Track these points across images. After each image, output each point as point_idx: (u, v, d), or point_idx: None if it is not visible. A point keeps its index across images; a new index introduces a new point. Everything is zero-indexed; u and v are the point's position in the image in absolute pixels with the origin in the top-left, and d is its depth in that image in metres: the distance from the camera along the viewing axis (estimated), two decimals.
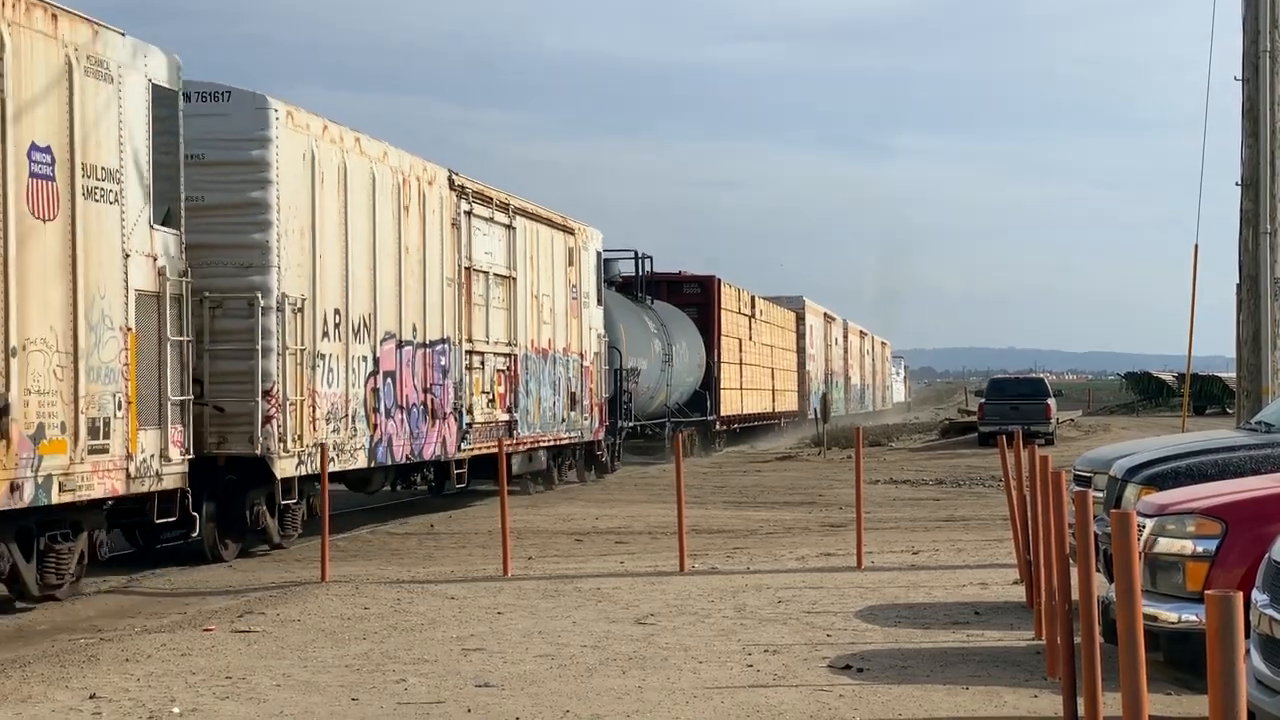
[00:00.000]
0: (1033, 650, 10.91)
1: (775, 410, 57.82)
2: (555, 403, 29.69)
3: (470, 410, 24.61)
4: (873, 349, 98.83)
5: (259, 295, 18.09)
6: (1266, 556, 7.50)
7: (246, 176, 18.21)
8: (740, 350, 50.21)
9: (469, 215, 24.71)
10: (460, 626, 12.49)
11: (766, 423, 56.78)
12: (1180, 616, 9.04)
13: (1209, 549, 8.96)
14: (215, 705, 9.46)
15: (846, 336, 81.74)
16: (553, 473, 30.84)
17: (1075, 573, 8.31)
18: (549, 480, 30.69)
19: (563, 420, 30.28)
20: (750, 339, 52.05)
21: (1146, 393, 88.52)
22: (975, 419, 49.14)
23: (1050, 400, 47.36)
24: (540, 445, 28.99)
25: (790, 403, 61.26)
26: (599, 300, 33.36)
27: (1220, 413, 63.56)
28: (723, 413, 47.59)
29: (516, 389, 27.06)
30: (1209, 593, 4.24)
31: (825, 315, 72.52)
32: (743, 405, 51.10)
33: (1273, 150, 19.97)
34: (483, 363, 25.37)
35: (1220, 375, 72.23)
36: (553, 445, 30.06)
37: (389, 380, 21.52)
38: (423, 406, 22.73)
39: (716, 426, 47.40)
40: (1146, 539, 9.27)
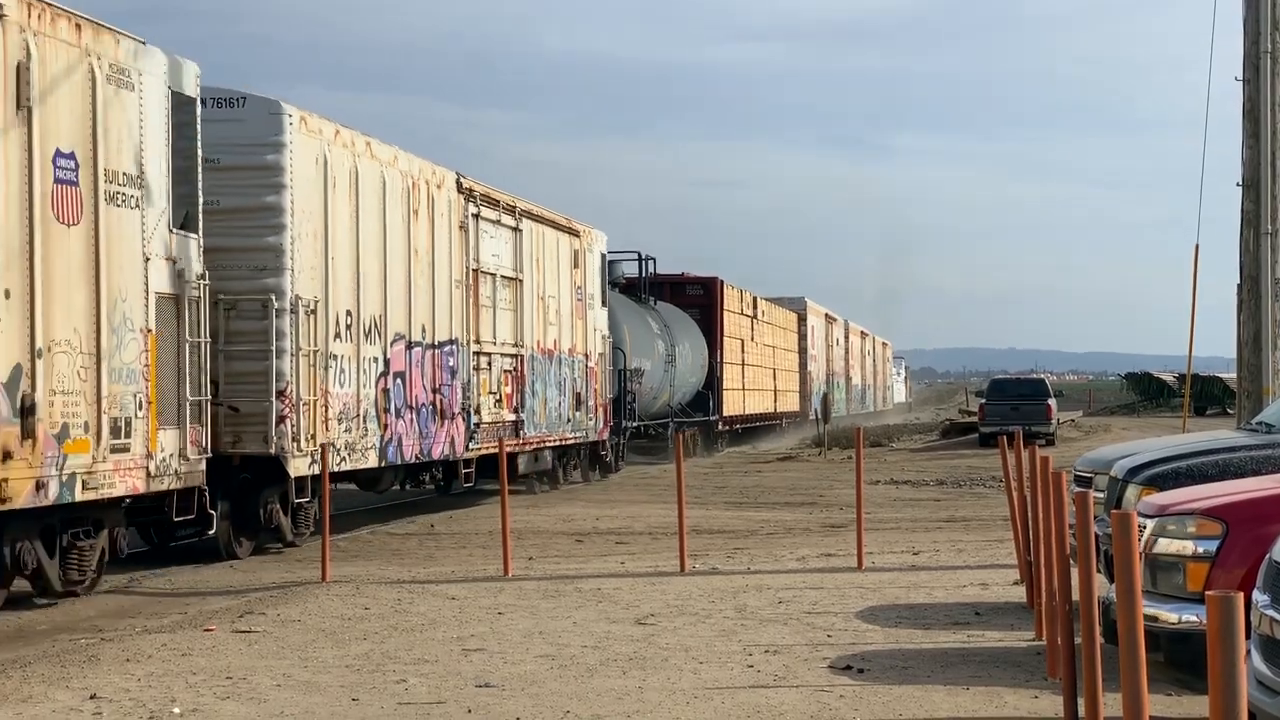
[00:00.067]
0: (1033, 651, 10.90)
1: (777, 411, 57.93)
2: (561, 403, 29.92)
3: (478, 410, 24.87)
4: (874, 349, 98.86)
5: (273, 297, 18.38)
6: (1267, 557, 7.50)
7: (261, 181, 18.47)
8: (742, 351, 50.32)
9: (476, 218, 24.97)
10: (461, 627, 12.48)
11: (768, 423, 56.93)
12: (1180, 617, 9.04)
13: (1210, 549, 8.96)
14: (216, 705, 9.46)
15: (848, 337, 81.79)
16: (558, 472, 31.03)
17: (1076, 573, 8.31)
18: (554, 480, 30.87)
19: (568, 420, 30.49)
20: (752, 340, 52.15)
21: (1147, 393, 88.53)
22: (976, 419, 49.16)
23: (1051, 401, 47.36)
24: (546, 445, 29.20)
25: (792, 403, 61.35)
26: (604, 301, 33.58)
27: (1221, 413, 63.56)
28: (725, 413, 47.72)
29: (523, 389, 27.30)
30: (1210, 593, 4.23)
31: (827, 316, 72.57)
32: (745, 406, 51.20)
33: (1273, 151, 19.97)
34: (490, 363, 25.62)
35: (1221, 376, 72.21)
36: (558, 445, 30.28)
37: (399, 381, 21.77)
38: (431, 407, 22.97)
39: (719, 427, 47.56)
40: (1147, 539, 9.26)
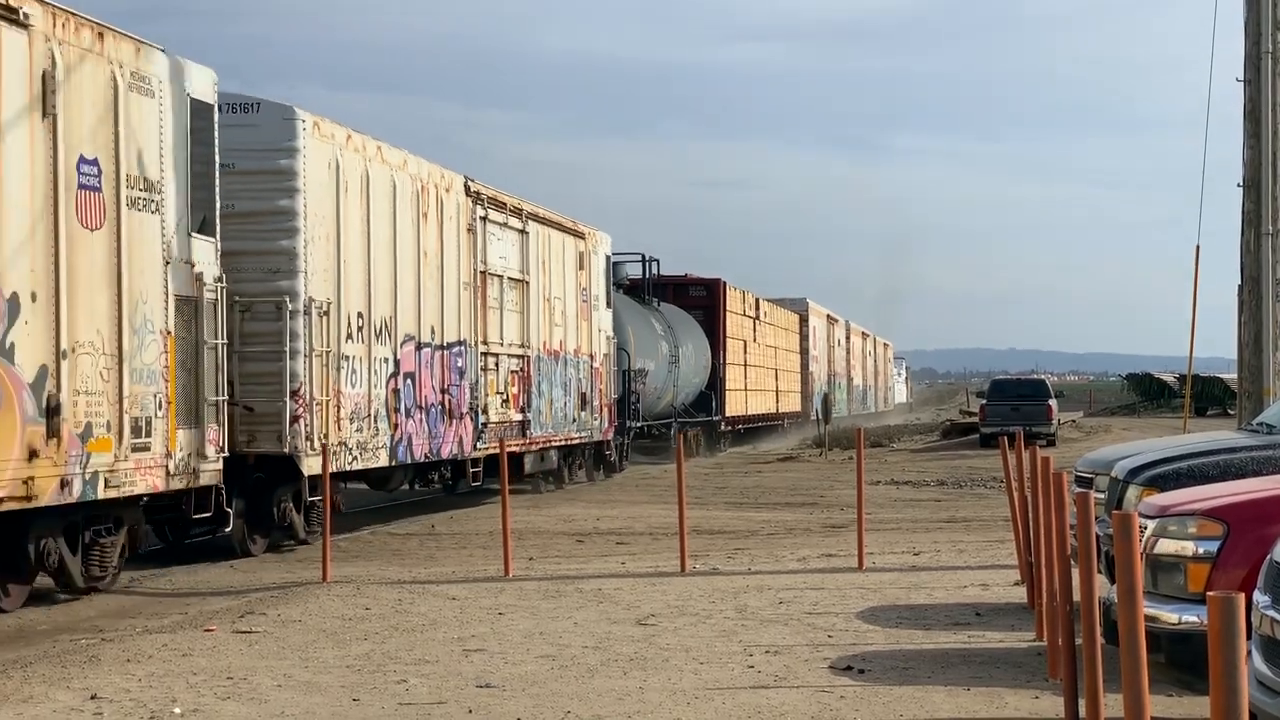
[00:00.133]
0: (1034, 651, 10.89)
1: (779, 411, 58.10)
2: (566, 403, 30.19)
3: (485, 410, 25.14)
4: (875, 350, 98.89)
5: (287, 299, 18.67)
6: (1268, 558, 7.49)
7: (275, 185, 18.76)
8: (745, 352, 50.45)
9: (484, 221, 25.24)
10: (461, 627, 12.48)
11: (771, 423, 57.11)
12: (1181, 618, 9.03)
13: (1210, 550, 8.95)
14: (216, 705, 9.46)
15: (849, 338, 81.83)
16: (563, 472, 31.26)
17: (1076, 574, 8.31)
18: (559, 479, 31.10)
19: (573, 420, 30.74)
20: (754, 341, 52.32)
21: (1148, 394, 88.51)
22: (976, 420, 49.15)
23: (1051, 401, 47.34)
24: (552, 445, 29.48)
25: (794, 403, 61.51)
26: (608, 303, 33.85)
27: (1221, 414, 63.52)
28: (728, 413, 47.92)
29: (529, 390, 27.56)
30: (1211, 594, 4.23)
31: (828, 317, 72.64)
32: (747, 406, 51.35)
33: (1274, 151, 19.97)
34: (497, 364, 25.89)
35: (1222, 376, 72.15)
36: (564, 445, 30.55)
37: (409, 381, 22.05)
38: (440, 406, 23.24)
39: (722, 427, 47.76)
40: (1148, 540, 9.26)
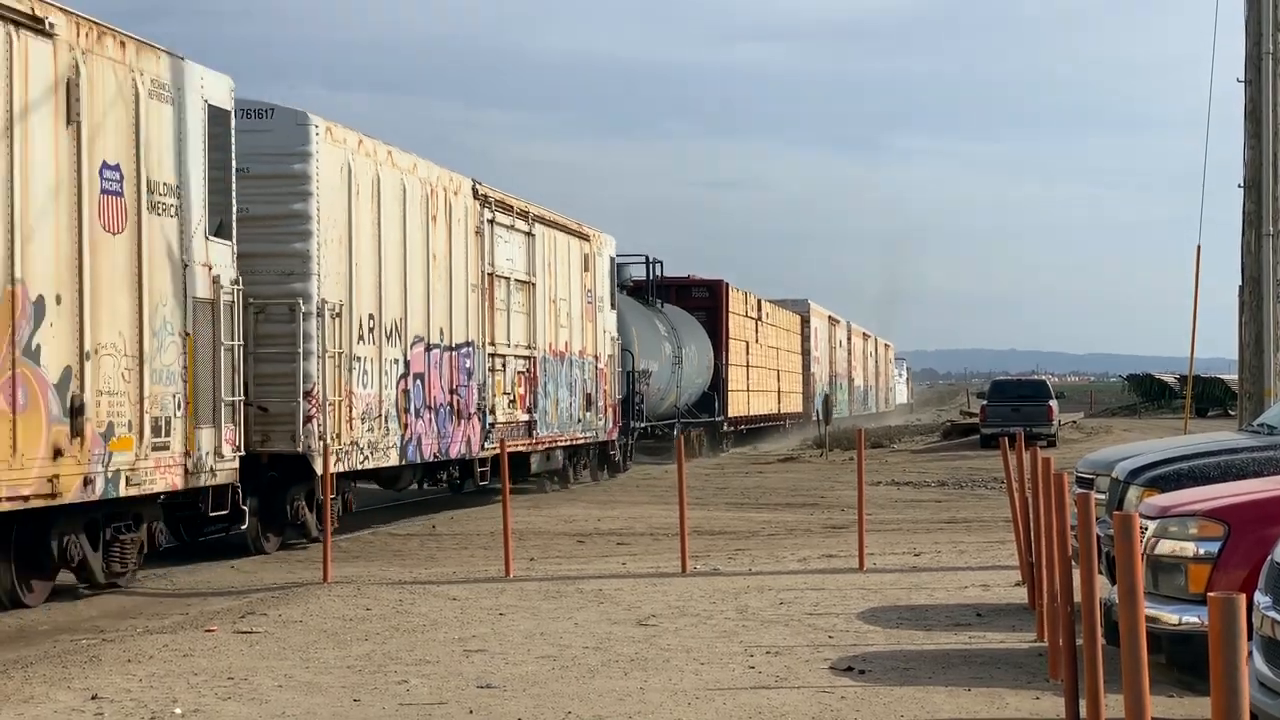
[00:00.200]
0: (1035, 652, 10.90)
1: (781, 411, 58.23)
2: (572, 403, 30.45)
3: (493, 411, 25.42)
4: (876, 351, 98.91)
5: (300, 301, 18.94)
6: (1269, 559, 7.49)
7: (289, 189, 19.05)
8: (747, 353, 50.61)
9: (491, 223, 25.54)
10: (462, 628, 12.48)
11: (773, 424, 57.31)
12: (1182, 618, 9.03)
13: (1211, 551, 8.95)
14: (217, 706, 9.46)
15: (850, 339, 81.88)
16: (568, 472, 31.51)
17: (1077, 574, 8.31)
18: (564, 479, 31.38)
19: (579, 420, 31.00)
20: (757, 342, 52.47)
21: (1148, 395, 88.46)
22: (977, 421, 49.12)
23: (1052, 402, 47.31)
24: (558, 445, 29.76)
25: (795, 404, 61.63)
26: (613, 304, 34.14)
27: (1222, 415, 63.49)
28: (730, 414, 48.08)
29: (536, 390, 27.83)
30: (1212, 595, 4.22)
31: (830, 318, 72.70)
32: (749, 406, 51.51)
33: (1275, 152, 19.98)
34: (504, 365, 26.18)
35: (1222, 377, 72.12)
36: (569, 445, 30.82)
37: (418, 382, 22.33)
38: (449, 407, 23.53)
39: (724, 427, 47.95)
40: (1149, 541, 9.26)
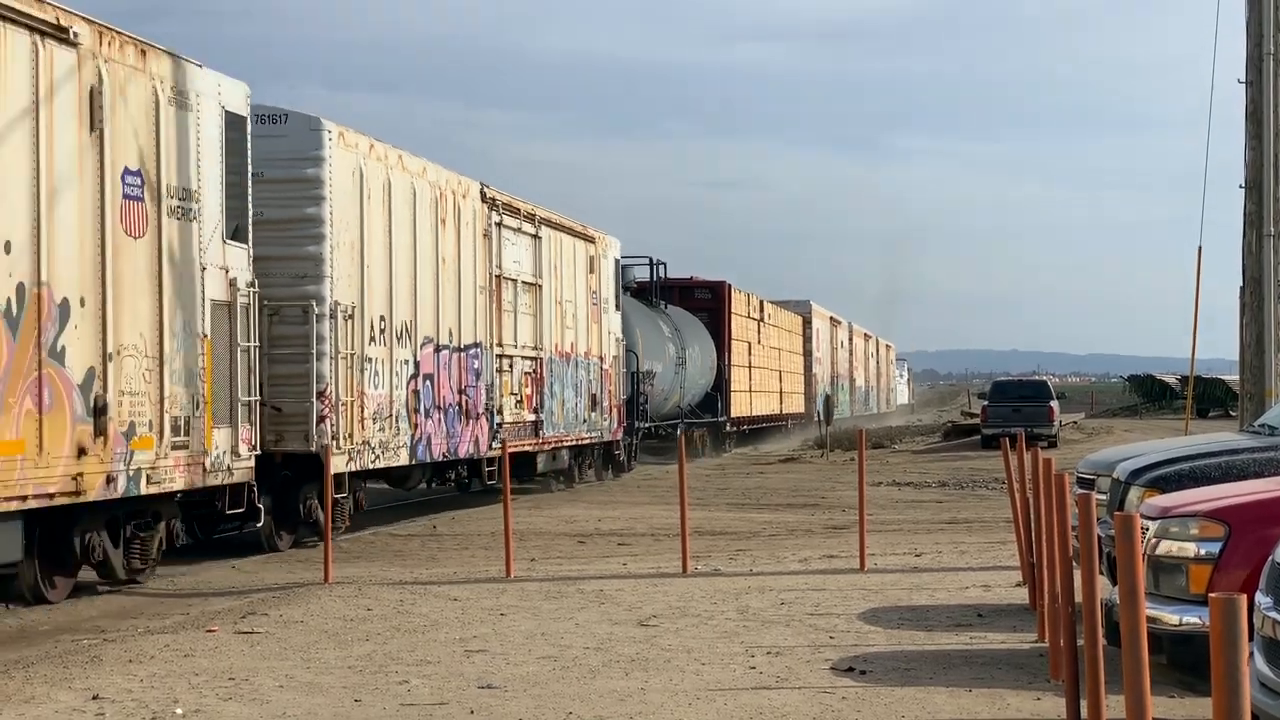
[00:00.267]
0: (1036, 653, 10.90)
1: (783, 412, 58.47)
2: (577, 404, 30.81)
3: (500, 411, 25.79)
4: (877, 351, 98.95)
5: (313, 303, 19.32)
6: (1270, 559, 7.49)
7: (302, 193, 19.39)
8: (750, 353, 50.84)
9: (499, 226, 25.92)
10: (463, 628, 12.49)
11: (775, 424, 57.61)
12: (1183, 619, 9.04)
13: (1212, 552, 8.96)
14: (218, 706, 9.46)
15: (851, 339, 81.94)
16: (574, 471, 31.81)
17: (1078, 575, 8.31)
18: (570, 479, 31.67)
19: (584, 421, 31.35)
20: (759, 342, 52.68)
21: (1149, 395, 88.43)
22: (978, 421, 49.10)
23: (1053, 403, 47.29)
24: (564, 445, 30.11)
25: (797, 404, 61.82)
26: (617, 305, 34.52)
27: (1223, 415, 63.47)
28: (733, 414, 48.33)
29: (542, 391, 28.20)
30: (1213, 595, 4.21)
31: (831, 319, 72.77)
32: (752, 407, 51.76)
33: (1276, 153, 19.98)
34: (511, 365, 26.54)
35: (1223, 378, 72.08)
36: (575, 445, 31.18)
37: (428, 382, 22.67)
38: (458, 407, 23.89)
39: (727, 428, 48.21)
40: (1150, 541, 9.26)
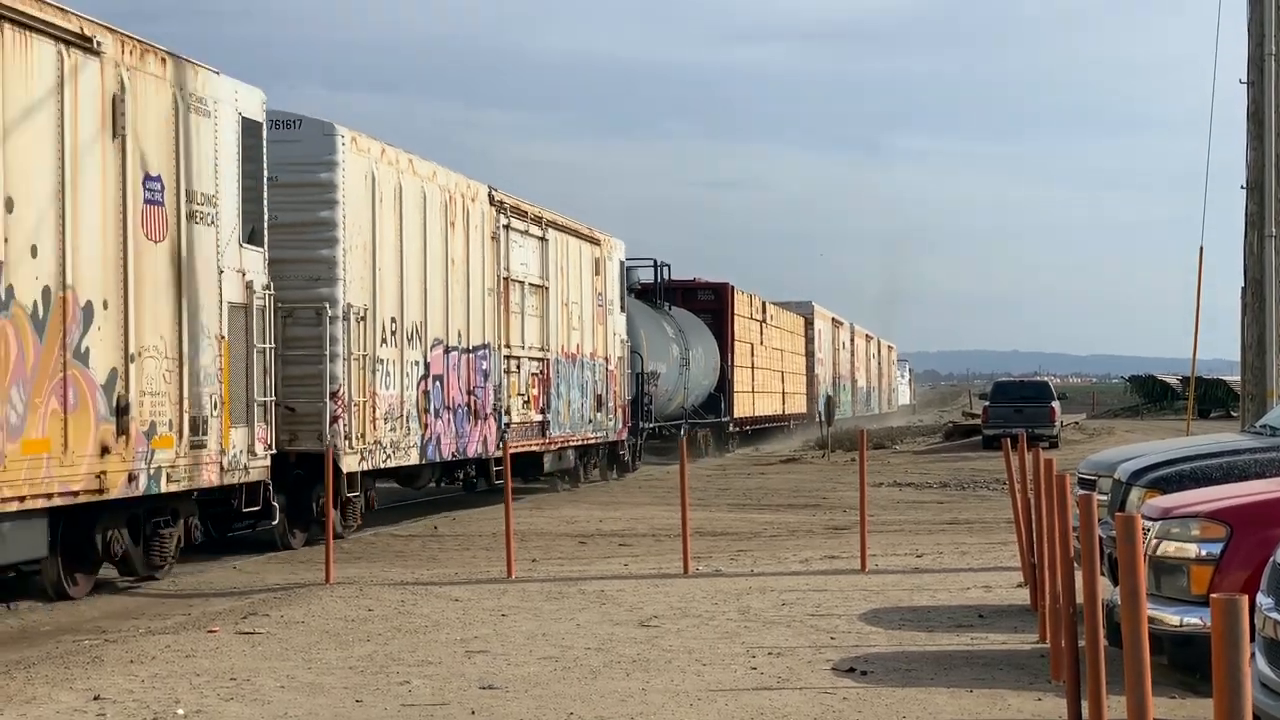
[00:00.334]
0: (1037, 653, 10.89)
1: (785, 412, 58.67)
2: (583, 404, 31.12)
3: (508, 411, 26.09)
4: (879, 352, 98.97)
5: (327, 305, 19.63)
6: (1271, 560, 7.48)
7: (316, 197, 19.71)
8: (752, 354, 51.05)
9: (507, 229, 26.26)
10: (464, 628, 12.48)
11: (777, 424, 57.79)
12: (1184, 620, 9.03)
13: (1214, 552, 8.95)
14: (220, 707, 9.46)
15: (853, 340, 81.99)
16: (579, 471, 32.05)
17: (1079, 576, 8.30)
18: (575, 478, 31.89)
19: (589, 421, 31.65)
20: (761, 343, 52.87)
21: (1151, 396, 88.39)
22: (979, 422, 49.08)
23: (1054, 403, 47.25)
24: (570, 445, 30.42)
25: (800, 405, 61.99)
26: (622, 307, 34.80)
27: (1225, 416, 63.41)
28: (736, 414, 48.52)
29: (549, 391, 28.48)
30: (1214, 596, 4.21)
31: (833, 320, 72.83)
32: (755, 407, 52.00)
33: (1277, 153, 19.96)
34: (519, 366, 26.85)
35: (1225, 379, 72.05)
36: (581, 445, 31.47)
37: (437, 383, 22.99)
38: (466, 407, 24.20)
39: (730, 428, 48.38)
40: (1151, 542, 9.25)
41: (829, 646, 11.35)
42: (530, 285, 27.60)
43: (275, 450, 18.00)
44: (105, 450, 14.37)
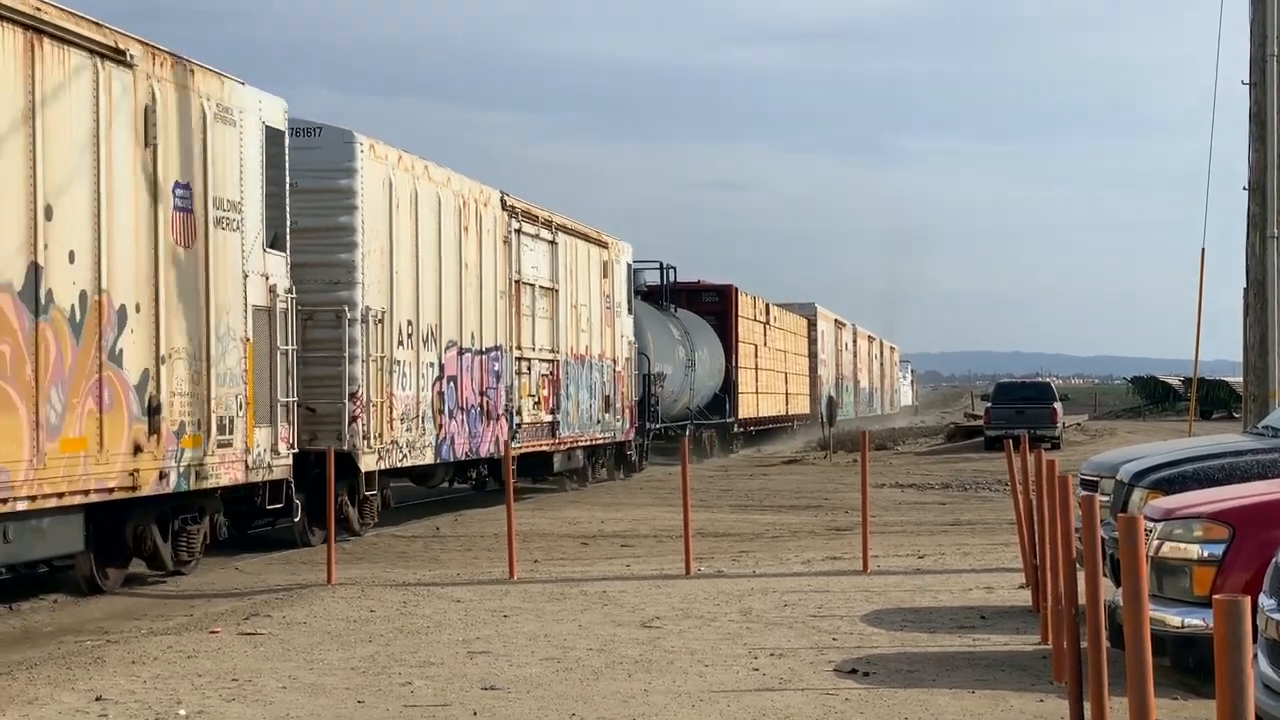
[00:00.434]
0: (1039, 655, 10.89)
1: (789, 413, 58.83)
2: (591, 405, 31.48)
3: (519, 412, 26.52)
4: (881, 353, 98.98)
5: (346, 308, 20.02)
6: (1274, 561, 7.47)
7: (335, 203, 20.10)
8: (756, 355, 51.27)
9: (518, 233, 26.68)
10: (466, 629, 12.49)
11: (781, 425, 57.97)
12: (1185, 621, 9.02)
13: (1216, 553, 8.94)
14: (221, 707, 9.46)
15: (856, 341, 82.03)
16: (588, 471, 32.42)
17: (1082, 577, 8.30)
18: (583, 478, 32.25)
19: (598, 421, 32.04)
20: (765, 345, 53.04)
21: (1153, 397, 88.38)
22: (981, 423, 49.07)
23: (1056, 404, 47.24)
24: (579, 445, 30.82)
25: (803, 406, 62.15)
26: (629, 309, 35.17)
27: (1227, 417, 63.38)
28: (740, 415, 48.75)
29: (558, 392, 28.89)
30: (1217, 597, 4.19)
31: (836, 321, 72.86)
32: (759, 408, 52.24)
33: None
34: (529, 368, 27.25)
35: (1227, 380, 72.02)
36: (589, 445, 31.86)
37: (451, 384, 23.38)
38: (479, 408, 24.63)
39: (735, 429, 48.62)
40: (1153, 543, 9.24)
41: (831, 648, 11.34)
42: (541, 288, 28.01)
43: (297, 449, 18.41)
44: (138, 449, 14.90)
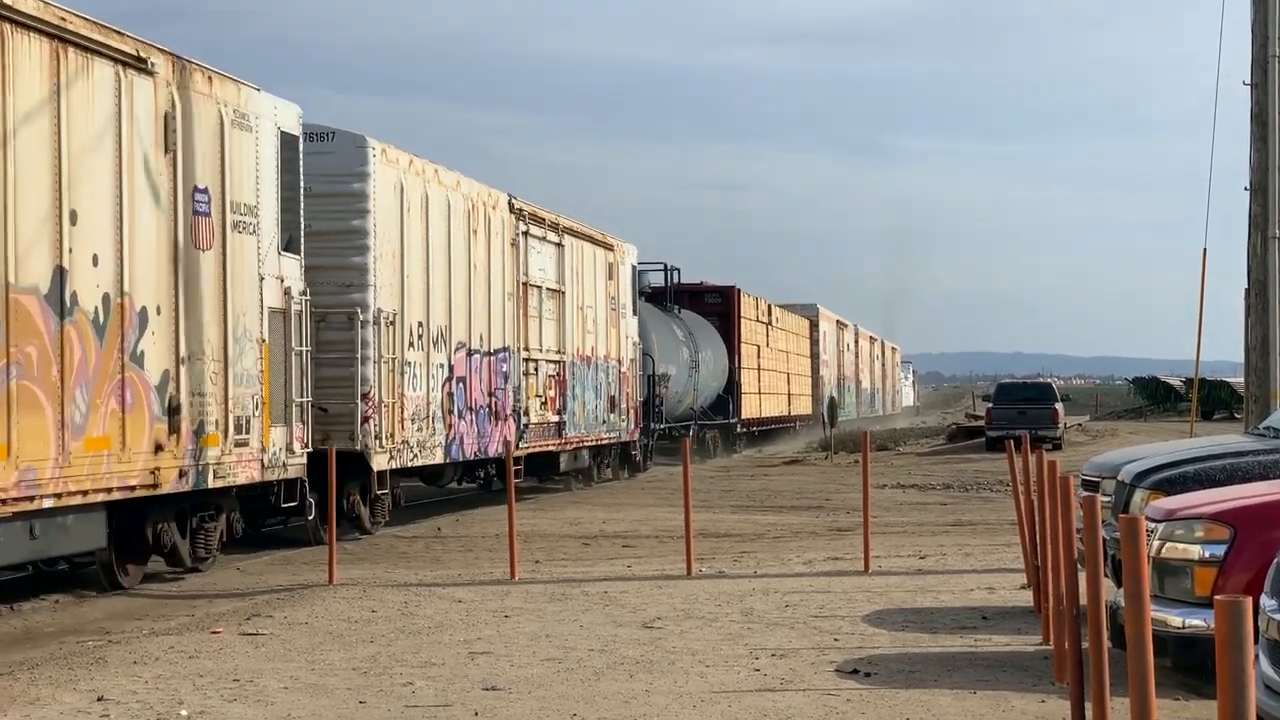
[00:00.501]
0: (1040, 655, 10.89)
1: (791, 414, 58.97)
2: (597, 406, 31.82)
3: (526, 412, 26.82)
4: (883, 354, 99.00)
5: (358, 310, 20.34)
6: (1275, 561, 7.47)
7: (348, 207, 20.41)
8: (759, 356, 51.46)
9: (526, 236, 27.00)
10: (467, 630, 12.49)
11: (784, 425, 58.11)
12: (1187, 621, 9.02)
13: (1217, 554, 8.94)
14: (223, 708, 9.46)
15: (857, 342, 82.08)
16: (593, 471, 32.69)
17: (1083, 577, 8.30)
18: (589, 478, 32.52)
19: (603, 422, 32.37)
20: (768, 345, 53.19)
21: (1154, 398, 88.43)
22: (983, 423, 49.07)
23: (1058, 405, 47.26)
24: (584, 445, 31.18)
25: (805, 406, 62.26)
26: (634, 310, 35.45)
27: (1228, 418, 63.42)
28: (743, 415, 48.90)
29: (565, 393, 29.19)
30: (1218, 598, 4.19)
31: (838, 322, 72.92)
32: (762, 409, 52.40)
33: None
34: (536, 369, 27.57)
35: (1228, 380, 72.03)
36: (595, 445, 32.21)
37: (460, 384, 23.67)
38: (487, 408, 24.93)
39: (738, 429, 48.74)
40: (1154, 544, 9.24)
41: (832, 648, 11.34)
42: (548, 290, 28.32)
43: (311, 449, 18.62)
44: (159, 448, 15.21)
